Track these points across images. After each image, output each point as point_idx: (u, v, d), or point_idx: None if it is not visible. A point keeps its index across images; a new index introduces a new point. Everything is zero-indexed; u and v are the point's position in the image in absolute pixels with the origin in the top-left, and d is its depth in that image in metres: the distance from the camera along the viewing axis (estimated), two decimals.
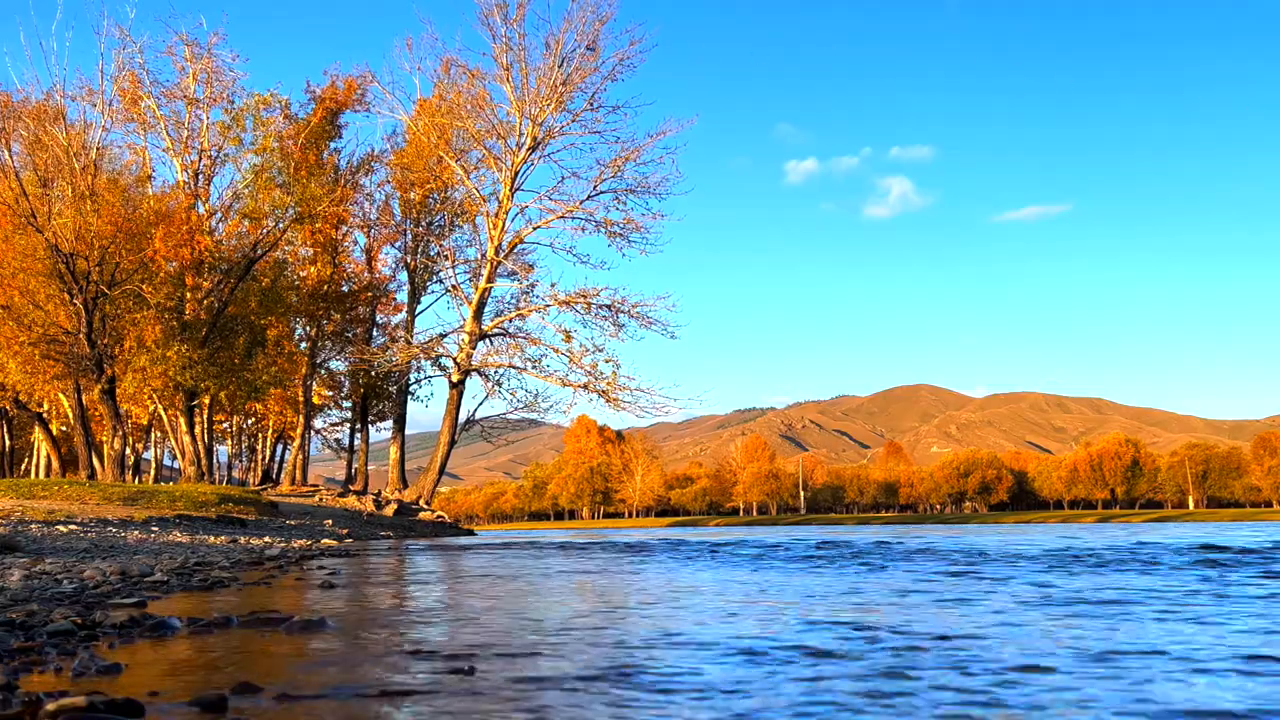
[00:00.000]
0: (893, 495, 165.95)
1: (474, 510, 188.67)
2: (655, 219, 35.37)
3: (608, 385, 35.12)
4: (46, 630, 4.11)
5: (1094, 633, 4.41)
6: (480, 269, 37.38)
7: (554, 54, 34.02)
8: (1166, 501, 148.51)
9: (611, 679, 3.25)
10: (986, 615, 5.19)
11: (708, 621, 5.02)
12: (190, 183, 35.07)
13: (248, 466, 57.50)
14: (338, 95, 40.67)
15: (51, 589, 6.03)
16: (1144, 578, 8.01)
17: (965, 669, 3.39)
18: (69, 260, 28.19)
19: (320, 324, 42.06)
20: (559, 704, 2.86)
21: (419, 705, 2.84)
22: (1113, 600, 6.02)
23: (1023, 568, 9.52)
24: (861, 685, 3.11)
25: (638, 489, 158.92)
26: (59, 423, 45.24)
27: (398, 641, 4.31)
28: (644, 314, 35.21)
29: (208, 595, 6.73)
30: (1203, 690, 3.02)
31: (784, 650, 3.88)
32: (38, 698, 2.65)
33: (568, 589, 7.71)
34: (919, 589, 7.06)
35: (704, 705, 2.84)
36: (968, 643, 4.05)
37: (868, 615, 5.25)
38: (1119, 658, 3.64)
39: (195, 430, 33.62)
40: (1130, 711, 2.72)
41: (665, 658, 3.72)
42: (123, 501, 21.30)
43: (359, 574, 9.90)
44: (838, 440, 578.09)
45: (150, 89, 34.53)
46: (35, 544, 10.84)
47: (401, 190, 42.15)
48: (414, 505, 37.18)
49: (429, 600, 6.86)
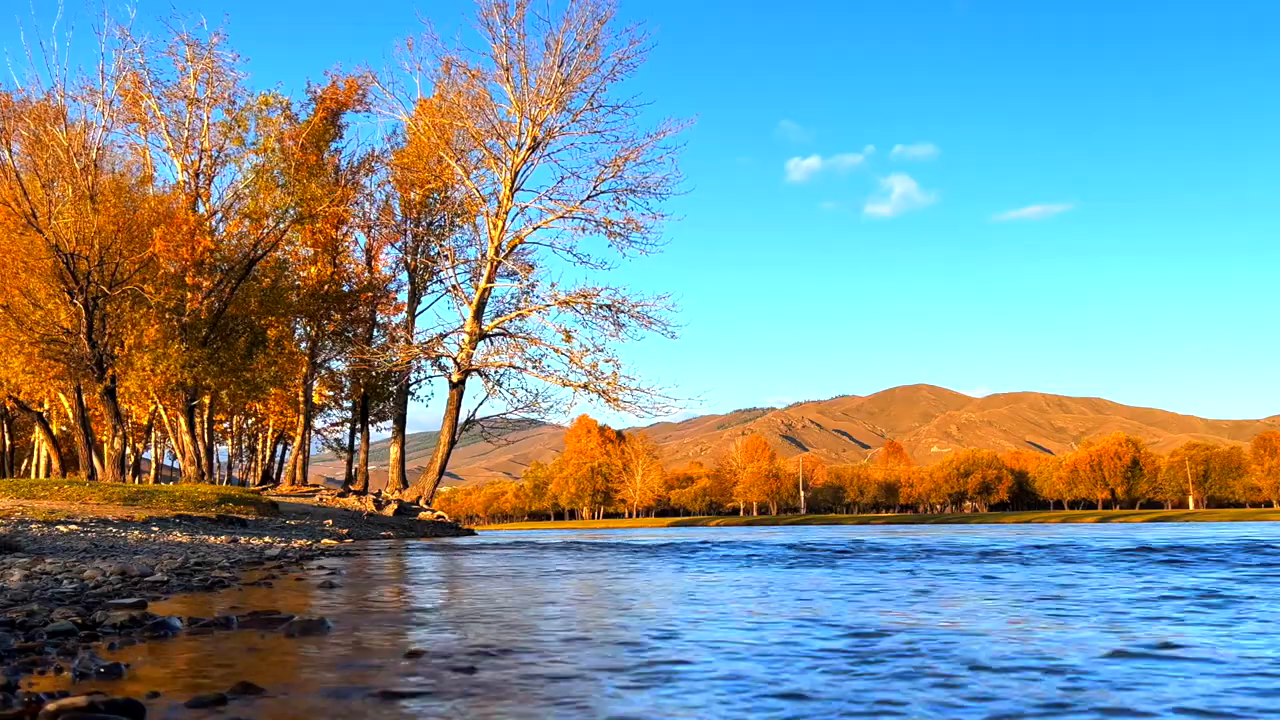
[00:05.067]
0: (893, 495, 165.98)
1: (474, 510, 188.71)
2: (655, 219, 35.44)
3: (608, 385, 35.14)
4: (47, 630, 4.11)
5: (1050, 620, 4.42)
6: (480, 269, 37.40)
7: (554, 54, 34.04)
8: (1167, 501, 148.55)
9: (611, 678, 3.26)
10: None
11: (707, 621, 5.02)
12: (191, 183, 35.10)
13: (248, 466, 57.50)
14: (338, 95, 40.71)
15: (51, 589, 6.03)
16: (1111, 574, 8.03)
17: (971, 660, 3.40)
18: (70, 260, 28.19)
19: (320, 324, 42.07)
20: (560, 704, 2.86)
21: (419, 705, 2.84)
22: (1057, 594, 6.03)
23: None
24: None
25: (638, 489, 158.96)
26: (59, 423, 45.26)
27: (398, 642, 4.31)
28: (644, 314, 35.25)
29: (208, 595, 6.73)
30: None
31: (783, 649, 3.88)
32: (38, 698, 2.65)
33: (568, 589, 7.71)
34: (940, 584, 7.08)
35: (704, 704, 2.84)
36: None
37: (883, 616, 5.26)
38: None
39: (195, 430, 33.62)
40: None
41: (665, 657, 3.72)
42: (123, 501, 21.31)
43: (359, 574, 9.90)
44: (838, 440, 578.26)
45: (151, 89, 34.60)
46: (35, 544, 10.84)
47: (402, 190, 42.17)
48: (414, 505, 37.18)
49: (429, 600, 6.86)
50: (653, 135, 34.95)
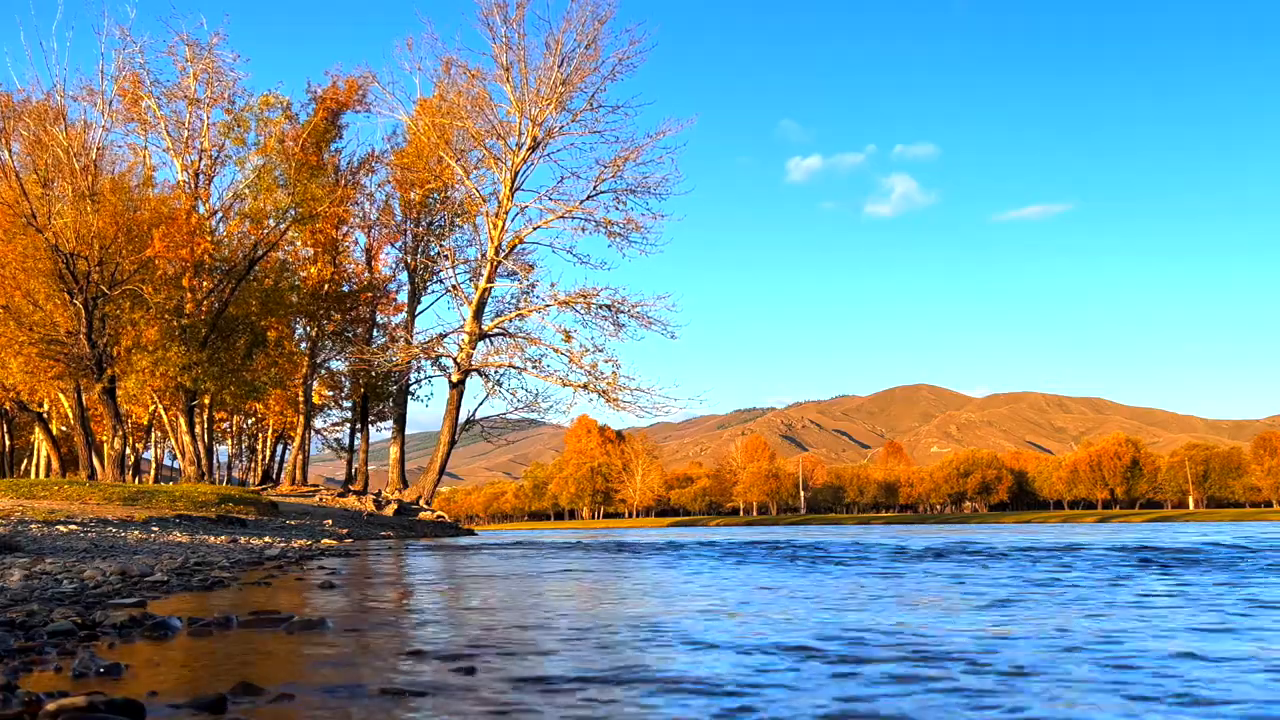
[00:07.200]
0: (893, 495, 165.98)
1: (474, 510, 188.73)
2: (655, 219, 35.42)
3: (608, 385, 35.13)
4: (47, 630, 4.11)
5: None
6: (480, 269, 37.38)
7: (554, 54, 34.03)
8: (1167, 501, 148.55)
9: (611, 678, 3.25)
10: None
11: (706, 619, 5.02)
12: (190, 183, 35.09)
13: (248, 466, 57.51)
14: (338, 95, 40.71)
15: (51, 589, 6.02)
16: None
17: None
18: (69, 260, 28.18)
19: (320, 324, 42.07)
20: (560, 704, 2.86)
21: (419, 705, 2.83)
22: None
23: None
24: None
25: (638, 489, 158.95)
26: (59, 423, 45.25)
27: (398, 641, 4.30)
28: (644, 314, 35.24)
29: (208, 595, 6.73)
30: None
31: (784, 651, 3.88)
32: (38, 698, 2.65)
33: (568, 589, 7.71)
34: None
35: (703, 703, 2.84)
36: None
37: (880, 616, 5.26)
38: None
39: (195, 430, 33.62)
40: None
41: (665, 656, 3.72)
42: (123, 501, 21.30)
43: (359, 574, 9.90)
44: (838, 440, 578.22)
45: (151, 89, 34.61)
46: (35, 544, 10.84)
47: (402, 190, 42.16)
48: (414, 505, 37.17)
49: (429, 600, 6.86)
50: (652, 135, 34.97)
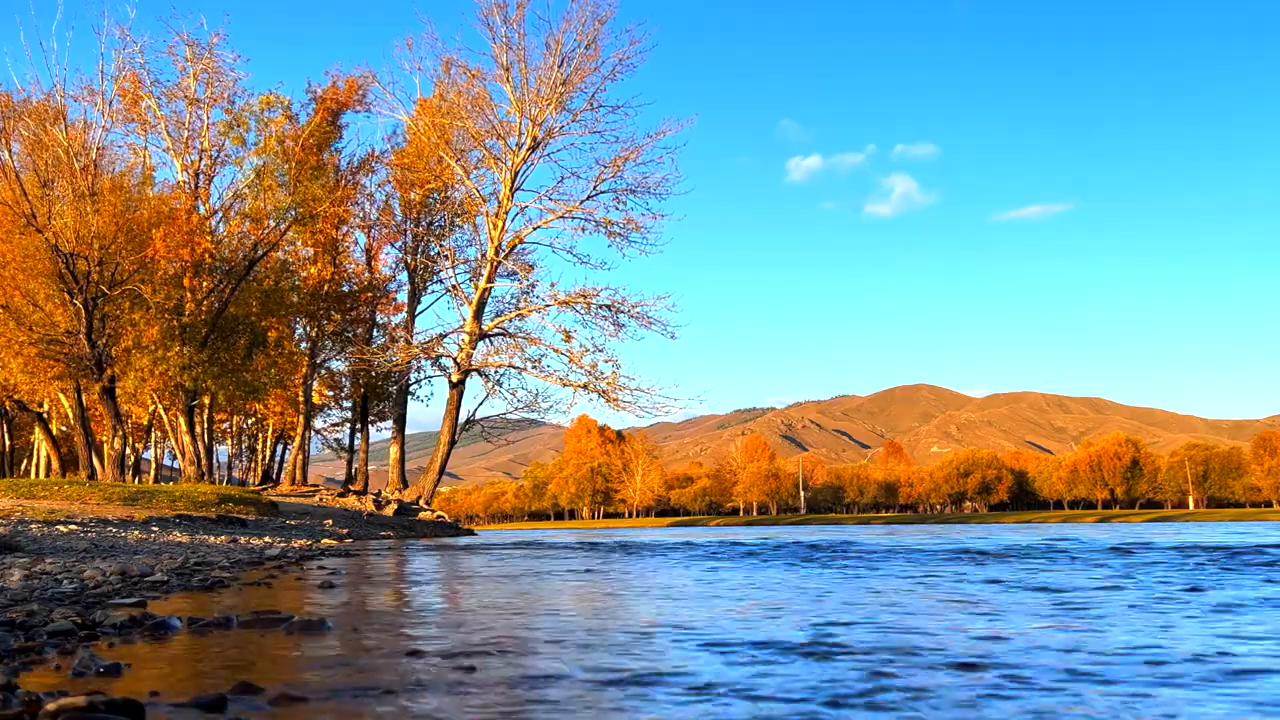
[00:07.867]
0: (893, 495, 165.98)
1: (474, 510, 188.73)
2: (655, 219, 35.41)
3: (608, 385, 35.13)
4: (46, 630, 4.11)
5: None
6: (480, 269, 37.38)
7: (554, 54, 34.02)
8: (1167, 501, 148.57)
9: (611, 678, 3.25)
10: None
11: (705, 619, 5.02)
12: (190, 183, 35.09)
13: (248, 466, 57.50)
14: (338, 95, 40.71)
15: (51, 589, 6.02)
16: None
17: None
18: (69, 260, 28.18)
19: (320, 324, 42.08)
20: (560, 704, 2.86)
21: (419, 705, 2.84)
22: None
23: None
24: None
25: (638, 489, 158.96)
26: (59, 423, 45.24)
27: (398, 641, 4.30)
28: (644, 314, 35.24)
29: (208, 595, 6.73)
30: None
31: (784, 650, 3.88)
32: (38, 697, 2.65)
33: (568, 589, 7.71)
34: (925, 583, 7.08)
35: (705, 702, 2.84)
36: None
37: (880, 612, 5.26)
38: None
39: (195, 430, 33.62)
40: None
41: (665, 656, 3.72)
42: (123, 501, 21.30)
43: (359, 574, 9.90)
44: (838, 440, 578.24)
45: (151, 89, 34.60)
46: (35, 544, 10.84)
47: (402, 190, 42.16)
48: (414, 505, 37.17)
49: (429, 600, 6.87)
50: (652, 135, 34.96)
